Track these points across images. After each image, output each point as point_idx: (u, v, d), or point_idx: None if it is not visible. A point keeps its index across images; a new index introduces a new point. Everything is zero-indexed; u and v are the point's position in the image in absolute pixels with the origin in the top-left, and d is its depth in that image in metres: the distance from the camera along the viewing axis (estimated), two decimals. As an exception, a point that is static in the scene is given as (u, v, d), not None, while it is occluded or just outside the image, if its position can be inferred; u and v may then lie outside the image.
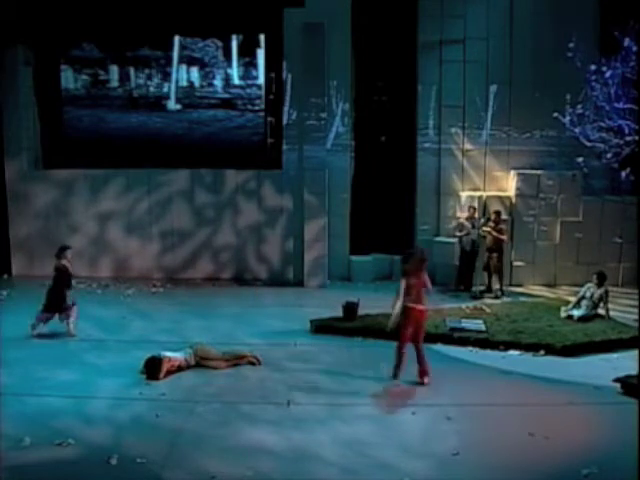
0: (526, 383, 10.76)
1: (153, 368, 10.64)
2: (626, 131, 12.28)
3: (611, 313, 13.39)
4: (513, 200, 16.37)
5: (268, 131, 16.84)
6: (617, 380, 10.43)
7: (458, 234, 15.64)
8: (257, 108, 16.98)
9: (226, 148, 16.89)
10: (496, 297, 15.17)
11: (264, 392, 10.28)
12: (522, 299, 15.21)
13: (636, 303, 12.62)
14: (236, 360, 11.20)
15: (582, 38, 13.38)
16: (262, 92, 16.89)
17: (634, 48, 12.04)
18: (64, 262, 12.73)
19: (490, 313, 13.80)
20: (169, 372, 10.72)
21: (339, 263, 16.54)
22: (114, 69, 17.05)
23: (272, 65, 16.62)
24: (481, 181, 16.62)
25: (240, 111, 17.02)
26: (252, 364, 11.21)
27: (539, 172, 16.31)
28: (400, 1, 16.43)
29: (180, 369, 10.87)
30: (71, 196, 16.85)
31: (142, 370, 10.71)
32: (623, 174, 12.78)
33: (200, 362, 11.09)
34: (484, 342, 12.30)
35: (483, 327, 12.84)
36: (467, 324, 12.94)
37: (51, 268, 12.62)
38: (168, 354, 10.90)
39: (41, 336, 12.41)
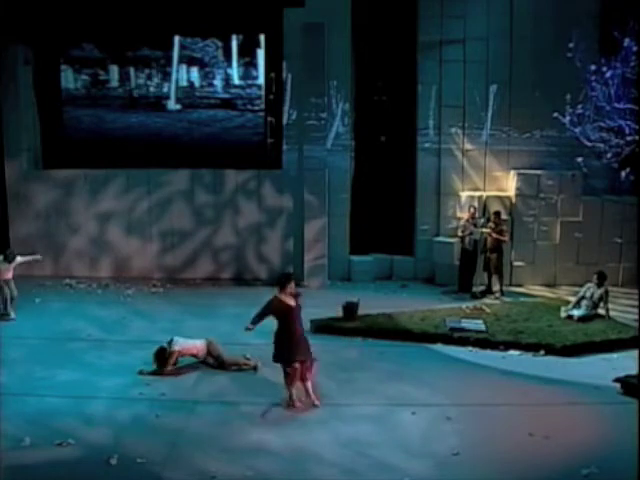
0: (526, 383, 10.75)
1: (162, 359, 10.80)
2: (626, 131, 12.29)
3: (611, 313, 13.37)
4: (513, 200, 16.34)
5: (268, 131, 16.82)
6: (617, 380, 10.43)
7: (460, 234, 15.61)
8: (257, 108, 16.96)
9: (226, 148, 16.86)
10: (496, 297, 15.16)
11: (264, 392, 10.28)
12: (522, 299, 15.17)
13: (636, 303, 12.61)
14: (238, 366, 11.18)
15: (582, 38, 13.37)
16: (262, 92, 16.87)
17: (634, 48, 12.07)
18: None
19: (490, 313, 13.79)
20: (182, 355, 10.89)
21: (339, 263, 16.51)
22: (114, 69, 17.04)
23: (272, 65, 16.60)
24: (481, 181, 16.60)
25: (240, 111, 17.01)
26: (255, 369, 11.17)
27: (539, 172, 16.28)
28: (400, 1, 16.41)
29: (194, 357, 11.02)
30: (71, 196, 16.83)
31: (152, 359, 10.83)
32: (623, 174, 12.79)
33: (206, 358, 11.12)
34: (484, 342, 12.30)
35: (483, 327, 12.84)
36: (467, 324, 12.93)
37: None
38: (181, 340, 10.97)
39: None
